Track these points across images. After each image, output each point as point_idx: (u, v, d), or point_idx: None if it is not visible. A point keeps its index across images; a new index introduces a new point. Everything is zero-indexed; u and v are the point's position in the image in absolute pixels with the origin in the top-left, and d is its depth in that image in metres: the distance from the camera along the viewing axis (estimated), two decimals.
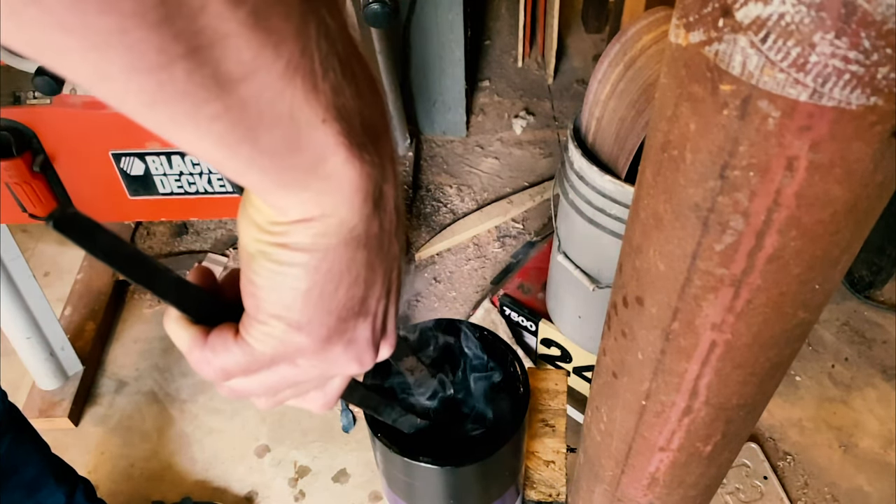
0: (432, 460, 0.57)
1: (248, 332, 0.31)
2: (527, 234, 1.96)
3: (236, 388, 0.34)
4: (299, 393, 0.36)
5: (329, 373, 0.34)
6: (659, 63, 0.96)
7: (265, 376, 0.33)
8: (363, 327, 0.33)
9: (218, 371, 0.32)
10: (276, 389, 0.34)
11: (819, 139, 0.28)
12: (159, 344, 1.75)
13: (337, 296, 0.30)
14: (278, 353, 0.31)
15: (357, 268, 0.30)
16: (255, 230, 0.29)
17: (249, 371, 0.32)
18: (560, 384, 0.84)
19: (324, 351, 0.32)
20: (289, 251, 0.28)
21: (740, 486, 1.41)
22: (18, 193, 1.08)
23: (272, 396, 0.36)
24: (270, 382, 0.33)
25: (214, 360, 0.32)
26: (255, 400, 0.36)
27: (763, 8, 0.25)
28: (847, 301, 1.75)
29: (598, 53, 2.47)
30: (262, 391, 0.34)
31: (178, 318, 0.32)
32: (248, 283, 0.30)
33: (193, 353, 0.32)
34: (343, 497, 1.46)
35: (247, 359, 0.31)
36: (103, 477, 1.51)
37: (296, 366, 0.33)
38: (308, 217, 0.27)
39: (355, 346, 0.33)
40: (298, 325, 0.30)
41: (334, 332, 0.31)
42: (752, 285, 0.36)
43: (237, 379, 0.33)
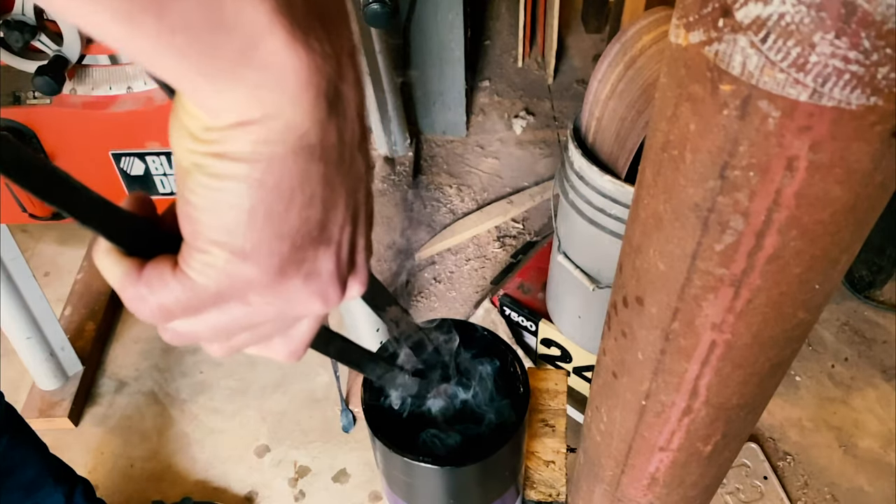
0: (432, 460, 0.57)
1: (188, 262, 0.27)
2: (527, 234, 1.96)
3: (181, 330, 0.29)
4: (259, 338, 0.31)
5: (289, 312, 0.30)
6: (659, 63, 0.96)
7: (213, 316, 0.28)
8: (325, 258, 0.29)
9: (155, 310, 0.27)
10: (227, 332, 0.30)
11: (819, 139, 0.28)
12: (159, 344, 1.75)
13: (288, 218, 0.26)
14: (223, 287, 0.27)
15: (312, 185, 0.26)
16: (189, 140, 0.25)
17: (192, 309, 0.28)
18: (560, 384, 0.84)
19: (278, 285, 0.28)
20: (227, 162, 0.24)
21: (740, 486, 1.41)
22: (18, 193, 1.08)
23: (225, 341, 0.31)
24: (220, 324, 0.29)
25: (150, 297, 0.27)
26: (206, 346, 0.32)
27: (763, 8, 0.25)
28: (847, 301, 1.75)
29: (598, 53, 2.47)
30: (212, 334, 0.30)
31: (109, 250, 0.28)
32: (184, 205, 0.26)
33: (126, 290, 0.27)
34: (343, 497, 1.46)
35: (187, 295, 0.27)
36: (103, 477, 1.51)
37: (247, 304, 0.28)
38: (246, 119, 0.23)
39: (317, 280, 0.29)
40: (244, 253, 0.26)
41: (289, 262, 0.27)
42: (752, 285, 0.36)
43: (180, 320, 0.28)
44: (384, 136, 2.08)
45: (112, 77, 1.03)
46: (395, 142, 2.12)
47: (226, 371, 1.69)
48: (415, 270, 1.88)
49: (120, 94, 1.04)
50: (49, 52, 0.96)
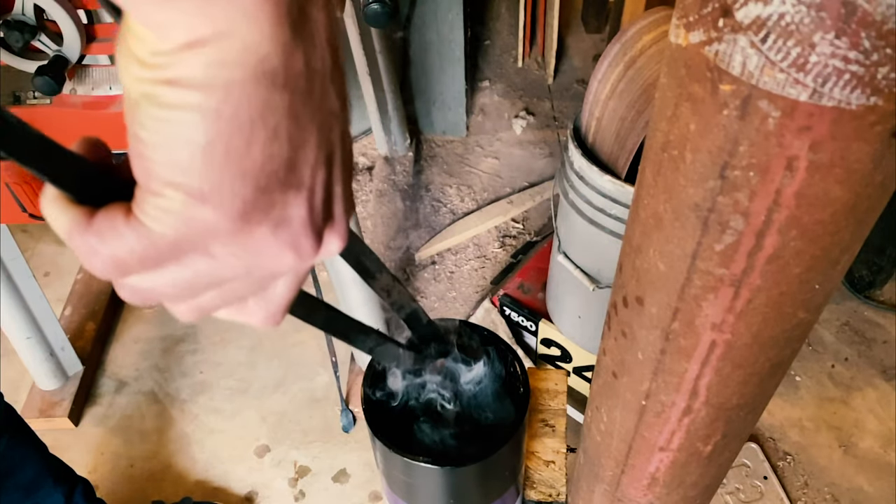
0: (432, 460, 0.57)
1: (141, 208, 0.24)
2: (527, 234, 1.96)
3: (139, 287, 0.26)
4: (230, 298, 0.28)
5: (259, 267, 0.27)
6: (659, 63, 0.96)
7: (173, 271, 0.26)
8: (296, 204, 0.26)
9: (108, 262, 0.25)
10: (192, 289, 0.27)
11: (819, 139, 0.28)
12: (159, 344, 1.75)
13: (250, 154, 0.23)
14: (182, 235, 0.24)
15: (276, 116, 0.23)
16: (136, 66, 0.22)
17: (149, 262, 0.25)
18: (560, 384, 0.84)
19: (243, 233, 0.25)
20: (178, 90, 0.22)
21: (740, 486, 1.41)
22: (18, 193, 1.08)
23: (190, 299, 0.28)
24: (182, 279, 0.26)
25: (101, 247, 0.24)
26: (172, 307, 0.28)
27: (763, 8, 0.25)
28: (847, 301, 1.75)
29: (598, 53, 2.47)
30: (174, 292, 0.27)
31: (56, 197, 0.25)
32: (134, 142, 0.23)
33: (75, 240, 0.25)
34: (343, 497, 1.46)
35: (142, 244, 0.24)
36: (103, 477, 1.51)
37: (211, 256, 0.25)
38: (197, 38, 0.21)
39: (287, 229, 0.26)
40: (202, 195, 0.23)
41: (254, 206, 0.24)
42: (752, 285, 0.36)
43: (138, 275, 0.26)
44: (384, 136, 2.08)
45: (112, 77, 1.03)
46: (395, 142, 2.12)
47: (226, 371, 1.69)
48: (415, 270, 1.88)
49: (120, 94, 1.03)
50: (49, 52, 0.96)
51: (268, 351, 1.72)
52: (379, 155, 2.16)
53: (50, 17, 0.93)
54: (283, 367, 1.69)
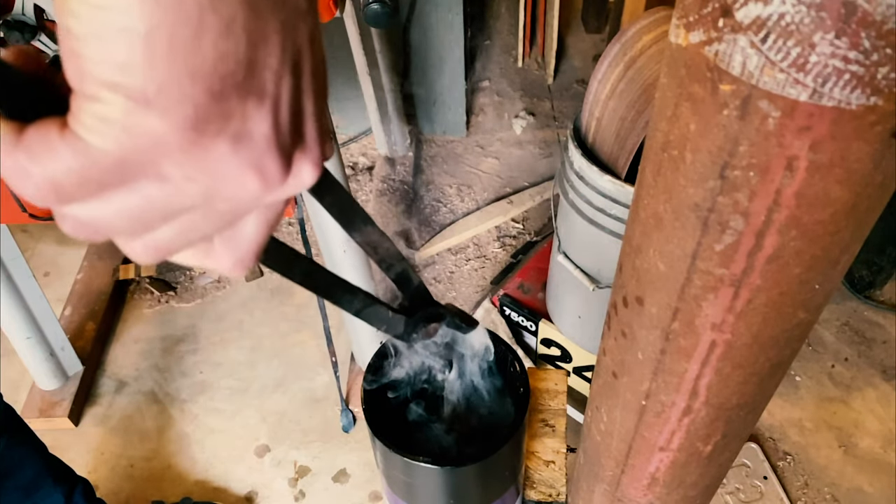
0: (432, 460, 0.57)
1: (77, 118, 0.20)
2: (527, 234, 1.96)
3: (83, 216, 0.22)
4: (191, 234, 0.24)
5: (219, 193, 0.23)
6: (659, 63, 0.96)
7: (121, 198, 0.22)
8: (258, 116, 0.22)
9: (42, 185, 0.21)
10: (144, 221, 0.23)
11: (819, 139, 0.28)
12: (159, 344, 1.75)
13: (200, 49, 0.20)
14: (126, 149, 0.20)
15: (230, 4, 0.20)
16: None
17: (90, 185, 0.21)
18: (560, 384, 0.85)
19: (197, 148, 0.21)
20: None
21: (740, 486, 1.41)
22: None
23: (144, 234, 0.24)
24: (131, 208, 0.22)
25: (34, 167, 0.21)
26: (125, 244, 0.24)
27: (763, 8, 0.25)
28: (847, 301, 1.75)
29: (598, 53, 2.47)
30: (125, 223, 0.23)
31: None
32: (65, 37, 0.20)
33: (2, 160, 0.21)
34: (343, 497, 1.46)
35: (80, 162, 0.20)
36: (103, 477, 1.51)
37: (163, 178, 0.22)
38: None
39: (248, 146, 0.22)
40: (145, 98, 0.20)
41: (208, 115, 0.21)
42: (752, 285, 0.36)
43: (80, 203, 0.22)
44: (384, 136, 2.08)
45: None
46: (395, 142, 2.13)
47: (226, 371, 1.69)
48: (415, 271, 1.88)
49: None
50: (49, 52, 0.96)
51: (268, 351, 1.72)
52: (379, 155, 2.16)
53: (50, 17, 0.93)
54: (283, 367, 1.69)
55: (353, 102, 2.11)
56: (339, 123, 2.24)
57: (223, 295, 1.86)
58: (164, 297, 1.85)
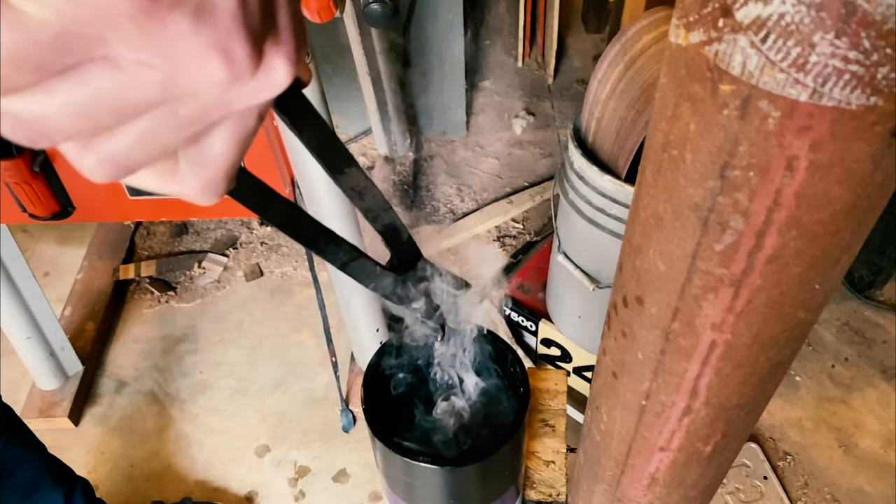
0: (432, 460, 0.57)
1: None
2: (527, 234, 1.96)
3: (23, 114, 0.19)
4: (150, 145, 0.21)
5: (178, 81, 0.20)
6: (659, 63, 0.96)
7: (66, 87, 0.19)
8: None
9: None
10: (95, 118, 0.20)
11: (819, 139, 0.28)
12: (159, 344, 1.75)
13: None
14: (66, 19, 0.17)
15: None
16: None
17: (27, 66, 0.18)
18: (560, 384, 0.85)
19: (152, 19, 0.18)
20: None
21: (740, 486, 1.41)
22: (18, 193, 1.08)
23: (100, 140, 0.21)
24: (79, 100, 0.19)
25: None
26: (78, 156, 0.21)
27: (763, 8, 0.25)
28: (847, 301, 1.75)
29: (598, 53, 2.47)
30: (72, 123, 0.19)
31: None
32: None
33: None
34: (343, 497, 1.46)
35: (14, 37, 0.17)
36: (103, 477, 1.51)
37: (114, 63, 0.19)
38: None
39: (211, 23, 0.19)
40: None
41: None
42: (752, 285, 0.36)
43: (18, 94, 0.19)
44: (384, 136, 2.08)
45: None
46: (395, 142, 2.13)
47: (226, 371, 1.69)
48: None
49: None
50: None
51: (268, 351, 1.72)
52: (379, 155, 2.16)
53: None
54: (283, 367, 1.69)
55: (353, 102, 2.11)
56: (339, 123, 2.24)
57: (223, 295, 1.86)
58: (164, 297, 1.85)
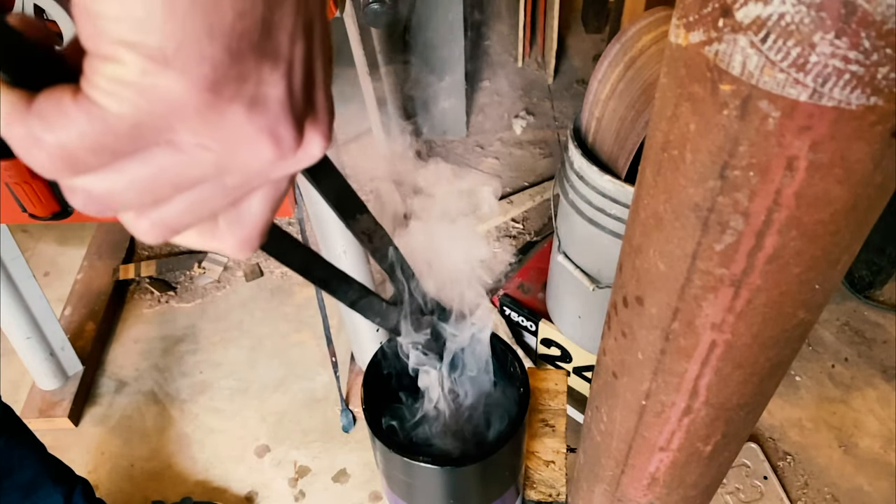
0: (432, 460, 0.57)
1: (92, 81, 0.20)
2: (527, 234, 1.96)
3: (94, 189, 0.22)
4: (198, 211, 0.24)
5: (230, 160, 0.23)
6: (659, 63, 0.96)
7: (133, 167, 0.21)
8: (273, 80, 0.22)
9: (55, 153, 0.20)
10: (154, 192, 0.22)
11: (819, 139, 0.28)
12: (159, 344, 1.75)
13: (219, 7, 0.19)
14: (142, 112, 0.20)
15: None
16: None
17: (104, 153, 0.20)
18: (560, 384, 0.85)
19: (213, 111, 0.21)
20: None
21: (740, 486, 1.41)
22: (18, 193, 1.08)
23: (154, 209, 0.23)
24: (143, 178, 0.22)
25: (46, 135, 0.20)
26: (133, 222, 0.24)
27: (763, 8, 0.25)
28: (847, 301, 1.75)
29: (598, 53, 2.47)
30: (136, 196, 0.22)
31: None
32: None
33: (14, 128, 0.20)
34: (343, 497, 1.46)
35: (95, 127, 0.20)
36: (103, 477, 1.51)
37: (177, 147, 0.22)
38: None
39: (264, 111, 0.22)
40: (164, 57, 0.19)
41: (225, 75, 0.20)
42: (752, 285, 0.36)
43: (91, 175, 0.21)
44: (384, 136, 2.08)
45: None
46: (396, 142, 2.13)
47: (226, 371, 1.69)
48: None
49: None
50: None
51: (268, 351, 1.72)
52: (379, 155, 2.16)
53: (50, 16, 0.93)
54: (283, 367, 1.69)
55: (354, 102, 2.11)
56: (339, 123, 2.24)
57: (223, 295, 1.86)
58: (164, 297, 1.85)
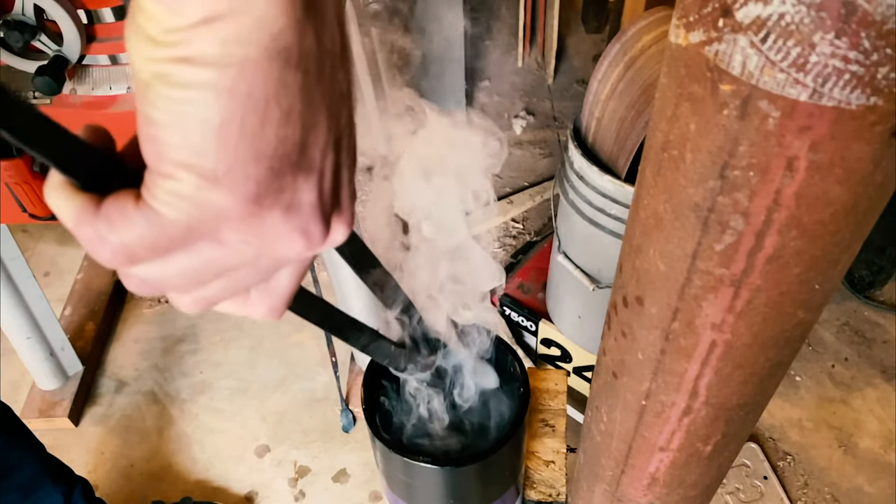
0: (432, 460, 0.57)
1: (152, 193, 0.24)
2: (527, 234, 1.96)
3: (148, 277, 0.26)
4: (235, 288, 0.28)
5: (267, 252, 0.27)
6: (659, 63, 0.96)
7: (183, 260, 0.26)
8: (306, 188, 0.26)
9: (118, 251, 0.24)
10: (200, 279, 0.27)
11: (819, 139, 0.28)
12: (159, 344, 1.75)
13: (264, 135, 0.23)
14: (194, 219, 0.24)
15: (289, 96, 0.23)
16: (148, 45, 0.22)
17: (159, 249, 0.25)
18: (560, 384, 0.85)
19: (255, 217, 0.25)
20: (192, 68, 0.21)
21: (740, 486, 1.41)
22: (18, 193, 1.08)
23: (197, 290, 0.28)
24: (191, 268, 0.26)
25: (111, 235, 0.24)
26: (176, 298, 0.28)
27: (763, 8, 0.25)
28: (847, 301, 1.75)
29: (598, 53, 2.47)
30: (182, 281, 0.27)
31: (62, 184, 0.25)
32: (145, 124, 0.23)
33: (83, 228, 0.24)
34: (343, 497, 1.46)
35: (153, 231, 0.24)
36: (103, 477, 1.51)
37: (221, 243, 0.25)
38: (213, 14, 0.21)
39: (298, 214, 0.26)
40: (215, 177, 0.23)
41: (266, 189, 0.24)
42: (752, 285, 0.36)
43: (146, 264, 0.25)
44: (384, 135, 2.08)
45: (112, 77, 1.03)
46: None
47: (226, 371, 1.69)
48: None
49: (120, 94, 1.04)
50: (49, 52, 0.96)
51: (268, 351, 1.72)
52: (379, 155, 2.16)
53: (50, 16, 0.93)
54: (283, 367, 1.69)
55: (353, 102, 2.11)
56: None
57: None
58: (164, 297, 1.85)
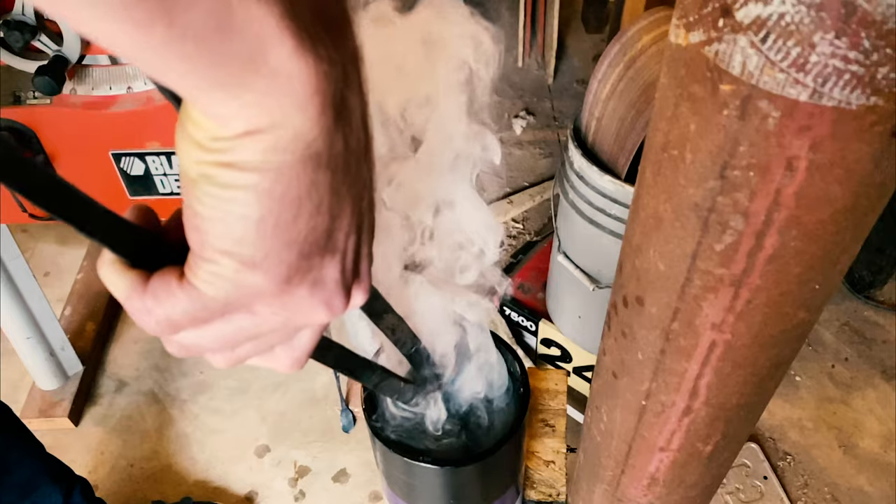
0: (432, 460, 0.57)
1: (195, 273, 0.27)
2: (527, 234, 1.96)
3: (187, 342, 0.29)
4: (262, 348, 0.32)
5: (294, 321, 0.30)
6: (659, 63, 0.96)
7: (219, 328, 0.29)
8: (331, 266, 0.29)
9: (162, 322, 0.28)
10: (233, 343, 0.30)
11: (819, 139, 0.28)
12: (159, 344, 1.75)
13: (297, 226, 0.26)
14: (231, 297, 0.27)
15: (319, 193, 0.26)
16: (196, 150, 0.25)
17: (199, 321, 0.28)
18: (560, 384, 0.85)
19: (285, 294, 0.28)
20: (235, 172, 0.24)
21: (740, 486, 1.41)
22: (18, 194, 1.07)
23: (230, 351, 0.31)
24: (226, 335, 0.29)
25: (157, 308, 0.27)
26: (210, 357, 0.32)
27: (763, 8, 0.25)
28: (847, 301, 1.75)
29: (598, 53, 2.47)
30: (218, 346, 0.30)
31: (114, 262, 0.28)
32: (191, 215, 0.26)
33: (132, 303, 0.28)
34: (343, 497, 1.46)
35: (195, 306, 0.27)
36: (103, 477, 1.51)
37: (254, 314, 0.29)
38: (255, 128, 0.24)
39: (322, 289, 0.29)
40: (253, 263, 0.26)
41: (296, 270, 0.27)
42: (752, 285, 0.36)
43: (187, 332, 0.29)
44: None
45: (112, 77, 1.03)
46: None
47: (226, 371, 1.69)
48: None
49: (120, 94, 1.04)
50: (49, 52, 0.96)
51: None
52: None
53: (50, 17, 0.93)
54: None
55: None
56: None
57: None
58: None
